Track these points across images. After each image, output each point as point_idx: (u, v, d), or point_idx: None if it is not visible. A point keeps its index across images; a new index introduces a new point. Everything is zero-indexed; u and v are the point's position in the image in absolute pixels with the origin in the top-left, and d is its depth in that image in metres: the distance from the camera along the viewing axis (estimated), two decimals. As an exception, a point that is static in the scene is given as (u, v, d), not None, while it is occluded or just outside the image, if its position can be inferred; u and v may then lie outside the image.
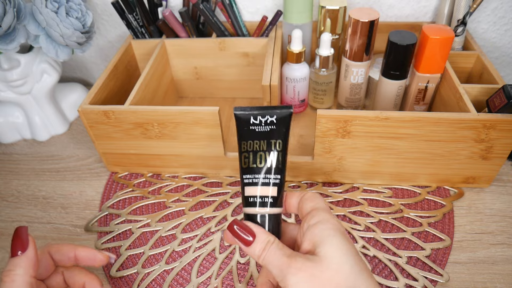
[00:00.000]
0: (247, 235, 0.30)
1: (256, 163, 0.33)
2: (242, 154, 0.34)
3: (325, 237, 0.28)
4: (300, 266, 0.27)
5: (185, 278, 0.44)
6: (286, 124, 0.34)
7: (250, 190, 0.33)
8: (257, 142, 0.33)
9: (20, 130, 0.63)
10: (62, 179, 0.56)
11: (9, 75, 0.56)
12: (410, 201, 0.50)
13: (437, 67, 0.50)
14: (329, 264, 0.27)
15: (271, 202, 0.32)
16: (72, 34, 0.52)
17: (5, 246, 0.48)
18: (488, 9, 0.61)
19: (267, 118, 0.33)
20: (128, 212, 0.51)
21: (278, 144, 0.33)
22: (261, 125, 0.33)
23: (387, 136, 0.45)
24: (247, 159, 0.33)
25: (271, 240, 0.30)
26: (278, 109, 0.33)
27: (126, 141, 0.51)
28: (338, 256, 0.27)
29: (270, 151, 0.33)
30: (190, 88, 0.67)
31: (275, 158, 0.33)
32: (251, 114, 0.33)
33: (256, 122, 0.33)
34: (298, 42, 0.55)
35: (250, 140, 0.33)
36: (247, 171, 0.33)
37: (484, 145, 0.45)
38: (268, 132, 0.33)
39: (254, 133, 0.33)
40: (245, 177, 0.33)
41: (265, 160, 0.33)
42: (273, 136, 0.33)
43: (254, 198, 0.32)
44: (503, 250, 0.44)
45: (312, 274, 0.27)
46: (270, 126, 0.33)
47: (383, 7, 0.63)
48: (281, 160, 0.33)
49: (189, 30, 0.60)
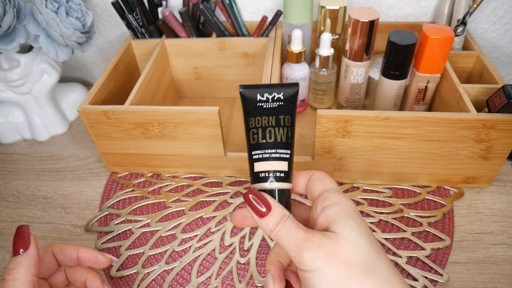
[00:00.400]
0: (262, 206, 0.29)
1: (265, 138, 0.32)
2: (250, 130, 0.33)
3: (340, 218, 0.28)
4: (318, 241, 0.26)
5: (185, 278, 0.44)
6: (293, 100, 0.33)
7: (260, 166, 0.32)
8: (265, 118, 0.33)
9: (20, 130, 0.63)
10: (62, 179, 0.56)
11: (9, 75, 0.56)
12: (410, 201, 0.50)
13: (437, 67, 0.50)
14: (346, 242, 0.26)
15: (281, 177, 0.32)
16: (72, 34, 0.52)
17: (5, 246, 0.48)
18: (488, 9, 0.61)
19: (274, 95, 0.33)
20: (128, 212, 0.51)
21: (287, 120, 0.33)
22: (268, 102, 0.33)
23: (387, 136, 0.45)
24: (256, 135, 0.33)
25: (286, 215, 0.29)
26: (285, 86, 0.33)
27: (126, 141, 0.51)
28: (354, 236, 0.27)
29: (279, 126, 0.33)
30: (190, 88, 0.67)
31: (285, 133, 0.33)
32: (257, 92, 0.33)
33: (263, 99, 0.33)
34: (298, 42, 0.55)
35: (259, 116, 0.33)
36: (256, 147, 0.33)
37: (484, 145, 0.45)
38: (276, 108, 0.33)
39: (262, 109, 0.33)
40: (254, 153, 0.33)
41: (274, 135, 0.32)
42: (281, 111, 0.33)
43: (265, 173, 0.32)
44: (503, 250, 0.44)
45: (329, 251, 0.26)
46: (278, 103, 0.33)
47: (383, 7, 0.62)
48: (290, 135, 0.33)
49: (189, 30, 0.60)
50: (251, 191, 0.30)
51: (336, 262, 0.26)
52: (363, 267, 0.25)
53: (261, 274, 0.43)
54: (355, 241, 0.26)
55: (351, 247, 0.26)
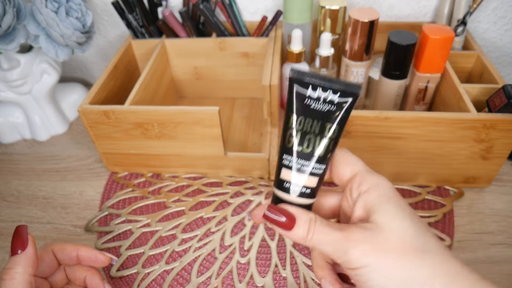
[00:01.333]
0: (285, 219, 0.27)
1: (302, 145, 0.28)
2: (288, 130, 0.29)
3: (380, 205, 0.26)
4: (359, 237, 0.25)
5: (185, 278, 0.44)
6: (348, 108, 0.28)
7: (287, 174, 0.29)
8: (309, 121, 0.28)
9: (20, 130, 0.63)
10: (62, 179, 0.56)
11: (9, 75, 0.56)
12: (410, 201, 0.50)
13: (437, 67, 0.50)
14: (391, 232, 0.25)
15: (307, 193, 0.29)
16: (72, 34, 0.52)
17: (5, 246, 0.48)
18: (488, 9, 0.61)
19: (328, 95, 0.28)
20: (128, 212, 0.51)
21: (334, 131, 0.28)
22: (318, 102, 0.28)
23: (387, 136, 0.45)
24: (293, 138, 0.28)
25: (313, 218, 0.27)
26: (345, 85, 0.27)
27: (126, 141, 0.51)
28: (398, 222, 0.25)
29: (322, 136, 0.28)
30: (190, 88, 0.67)
31: (325, 146, 0.28)
32: (310, 84, 0.28)
33: (314, 97, 0.28)
34: (298, 42, 0.55)
35: (302, 117, 0.28)
36: (289, 152, 0.29)
37: (484, 145, 0.45)
38: (325, 113, 0.28)
39: (308, 109, 0.28)
40: (285, 157, 0.29)
41: (313, 145, 0.28)
42: (330, 118, 0.28)
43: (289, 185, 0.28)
44: (503, 250, 0.44)
45: (375, 244, 0.24)
46: (329, 106, 0.28)
47: (383, 7, 0.62)
48: (331, 149, 0.29)
49: (189, 30, 0.60)
50: (269, 209, 0.28)
51: (385, 254, 0.24)
52: (415, 251, 0.24)
53: (261, 274, 0.43)
54: (400, 228, 0.25)
55: (398, 235, 0.25)
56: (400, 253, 0.24)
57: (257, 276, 0.43)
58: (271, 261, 0.45)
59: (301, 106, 0.28)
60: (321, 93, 0.28)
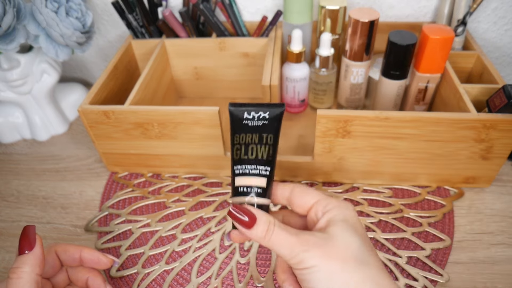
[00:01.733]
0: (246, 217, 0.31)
1: (247, 154, 0.34)
2: (234, 146, 0.35)
3: (337, 221, 0.30)
4: (312, 243, 0.29)
5: (185, 278, 0.44)
6: (278, 120, 0.35)
7: (240, 181, 0.34)
8: (249, 135, 0.35)
9: (20, 130, 0.63)
10: (62, 179, 0.56)
11: (9, 75, 0.56)
12: (410, 201, 0.50)
13: (437, 67, 0.50)
14: (339, 241, 0.29)
15: (259, 193, 0.34)
16: (72, 34, 0.52)
17: (5, 246, 0.48)
18: (488, 9, 0.61)
19: (260, 114, 0.35)
20: (128, 212, 0.51)
21: (269, 138, 0.34)
22: (253, 120, 0.35)
23: (387, 136, 0.45)
24: (239, 151, 0.34)
25: (272, 221, 0.30)
26: (272, 106, 0.35)
27: (126, 141, 0.51)
28: (348, 235, 0.29)
29: (261, 144, 0.34)
30: (190, 88, 0.67)
31: (266, 151, 0.34)
32: (245, 110, 0.35)
33: (249, 117, 0.35)
34: (298, 42, 0.55)
35: (243, 133, 0.35)
36: (238, 162, 0.34)
37: (484, 145, 0.45)
38: (260, 127, 0.35)
39: (247, 127, 0.35)
40: (236, 168, 0.34)
41: (256, 152, 0.34)
42: (265, 130, 0.35)
43: (244, 188, 0.34)
44: (503, 250, 0.44)
45: (324, 250, 0.29)
46: (263, 121, 0.35)
47: (383, 7, 0.62)
48: (271, 153, 0.34)
49: (189, 30, 0.60)
50: (234, 208, 0.32)
51: (331, 259, 0.28)
52: (355, 261, 0.28)
53: (261, 274, 0.43)
54: (348, 241, 0.29)
55: (344, 246, 0.29)
56: (343, 260, 0.28)
57: (257, 276, 0.43)
58: (271, 261, 0.45)
59: (241, 126, 0.35)
60: (254, 114, 0.35)
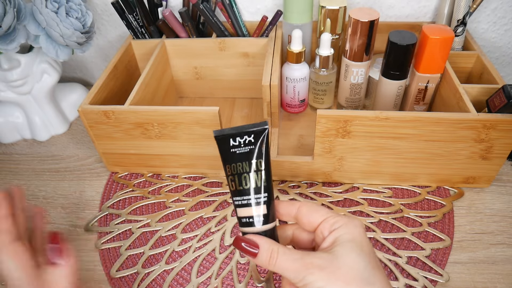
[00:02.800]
0: (252, 248, 0.32)
1: (242, 185, 0.34)
2: (228, 177, 0.35)
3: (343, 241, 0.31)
4: (317, 265, 0.29)
5: (185, 278, 0.44)
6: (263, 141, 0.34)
7: (242, 212, 0.34)
8: (239, 164, 0.34)
9: (20, 130, 0.63)
10: (62, 179, 0.56)
11: (9, 75, 0.56)
12: (410, 201, 0.50)
13: (437, 67, 0.50)
14: (345, 262, 0.29)
15: (263, 220, 0.34)
16: (72, 34, 0.52)
17: (5, 246, 0.48)
18: (488, 9, 0.61)
19: (245, 139, 0.34)
20: (128, 212, 0.51)
21: (259, 164, 0.34)
22: (240, 147, 0.34)
23: (387, 136, 0.45)
24: (233, 182, 0.34)
25: (274, 249, 0.31)
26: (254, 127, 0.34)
27: (126, 141, 0.51)
28: (354, 256, 0.30)
29: (253, 171, 0.34)
30: (190, 88, 0.67)
31: (259, 178, 0.34)
32: (230, 137, 0.34)
33: (236, 144, 0.34)
34: (298, 42, 0.55)
35: (234, 163, 0.34)
36: (236, 194, 0.34)
37: (484, 145, 0.45)
38: (248, 153, 0.34)
39: (235, 155, 0.34)
40: (235, 199, 0.34)
41: (249, 181, 0.34)
42: (253, 156, 0.34)
43: (247, 219, 0.34)
44: (503, 250, 0.44)
45: (329, 271, 0.29)
46: (249, 146, 0.34)
47: (383, 7, 0.62)
48: (265, 178, 0.34)
49: (189, 30, 0.60)
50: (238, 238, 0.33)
51: (336, 280, 0.29)
52: (360, 282, 0.29)
53: (261, 274, 0.43)
54: (353, 261, 0.29)
55: (349, 267, 0.29)
56: (348, 281, 0.29)
57: (257, 276, 0.43)
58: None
59: (230, 156, 0.34)
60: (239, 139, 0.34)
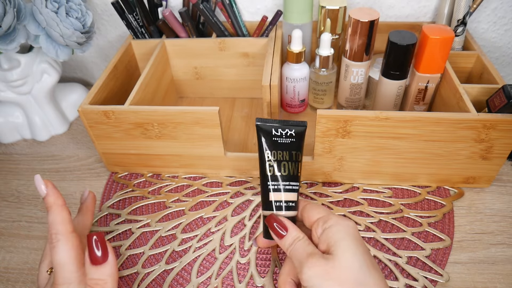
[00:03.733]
0: (282, 230, 0.35)
1: (280, 171, 0.37)
2: (267, 163, 0.38)
3: (338, 240, 0.32)
4: (316, 261, 0.31)
5: (185, 278, 0.44)
6: (303, 138, 0.39)
7: (275, 196, 0.37)
8: (280, 153, 0.37)
9: (20, 130, 0.63)
10: (62, 179, 0.56)
11: (9, 75, 0.56)
12: (410, 201, 0.50)
13: (437, 67, 0.50)
14: (340, 262, 0.30)
15: (292, 206, 0.37)
16: (72, 34, 0.52)
17: (5, 246, 0.48)
18: (488, 9, 0.61)
19: (287, 131, 0.38)
20: (128, 212, 0.51)
21: (298, 156, 0.38)
22: (282, 137, 0.38)
23: (387, 136, 0.45)
24: (272, 167, 0.37)
25: (300, 237, 0.34)
26: (296, 124, 0.39)
27: (126, 141, 0.51)
28: (348, 256, 0.31)
29: (292, 161, 0.37)
30: (190, 88, 0.67)
31: (296, 167, 0.38)
32: (272, 127, 0.38)
33: (278, 134, 0.38)
34: (298, 42, 0.55)
35: (274, 151, 0.38)
36: (272, 179, 0.37)
37: (484, 145, 0.45)
38: (289, 144, 0.38)
39: (277, 144, 0.38)
40: (270, 184, 0.37)
41: (288, 169, 0.37)
42: (293, 147, 0.38)
43: (279, 203, 0.36)
44: (503, 250, 0.44)
45: (325, 270, 0.30)
46: (291, 139, 0.38)
47: (383, 7, 0.62)
48: (300, 170, 0.38)
49: (189, 30, 0.60)
50: (273, 218, 0.36)
51: (330, 279, 0.30)
52: (354, 282, 0.30)
53: (261, 275, 0.43)
54: (348, 261, 0.31)
55: (344, 267, 0.30)
56: (342, 282, 0.30)
57: (257, 276, 0.43)
58: (271, 261, 0.45)
59: (272, 143, 0.38)
60: (281, 131, 0.38)
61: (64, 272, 0.32)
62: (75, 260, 0.32)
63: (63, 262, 0.32)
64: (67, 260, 0.32)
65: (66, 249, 0.32)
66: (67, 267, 0.32)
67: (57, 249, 0.32)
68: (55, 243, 0.33)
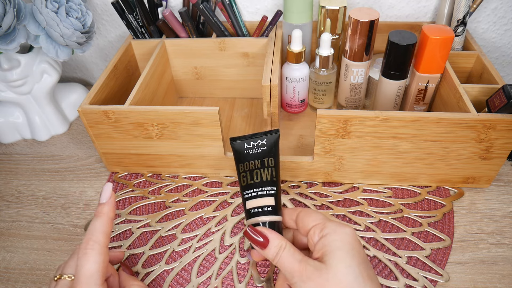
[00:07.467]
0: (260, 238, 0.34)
1: (253, 179, 0.37)
2: (240, 174, 0.38)
3: (333, 250, 0.31)
4: (310, 275, 0.30)
5: (185, 278, 0.44)
6: (275, 144, 0.39)
7: (250, 203, 0.37)
8: (252, 162, 0.38)
9: (20, 130, 0.63)
10: (62, 179, 0.56)
11: (9, 75, 0.56)
12: (410, 201, 0.50)
13: (437, 67, 0.50)
14: (335, 274, 0.30)
15: (269, 211, 0.36)
16: (72, 34, 0.52)
17: (5, 246, 0.48)
18: (488, 9, 0.61)
19: (259, 142, 0.39)
20: (128, 212, 0.51)
21: (270, 161, 0.38)
22: (254, 148, 0.39)
23: (387, 136, 0.45)
24: (245, 177, 0.38)
25: (283, 245, 0.33)
26: (268, 134, 0.39)
27: (126, 141, 0.51)
28: (343, 267, 0.30)
29: (264, 168, 0.38)
30: (190, 88, 0.67)
31: (269, 173, 0.38)
32: (245, 142, 0.39)
33: (250, 147, 0.39)
34: (298, 42, 0.55)
35: (246, 162, 0.38)
36: (246, 188, 0.37)
37: (484, 145, 0.45)
38: (261, 153, 0.38)
39: (249, 155, 0.39)
40: (245, 193, 0.37)
41: (260, 175, 0.37)
42: (265, 155, 0.38)
43: (255, 209, 0.36)
44: (503, 250, 0.44)
45: (319, 283, 0.30)
46: (262, 148, 0.39)
47: (383, 7, 0.63)
48: (274, 174, 0.38)
49: (189, 30, 0.60)
50: (251, 229, 0.34)
51: None
52: None
53: (261, 275, 0.43)
54: (342, 273, 0.30)
55: (338, 279, 0.30)
56: None
57: (257, 276, 0.43)
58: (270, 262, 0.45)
59: (244, 156, 0.39)
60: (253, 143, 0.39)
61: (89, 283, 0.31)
62: (101, 274, 0.32)
63: (91, 272, 0.31)
64: (95, 271, 0.31)
65: (97, 260, 0.32)
66: (93, 278, 0.31)
67: (89, 257, 0.31)
68: (89, 250, 0.32)
